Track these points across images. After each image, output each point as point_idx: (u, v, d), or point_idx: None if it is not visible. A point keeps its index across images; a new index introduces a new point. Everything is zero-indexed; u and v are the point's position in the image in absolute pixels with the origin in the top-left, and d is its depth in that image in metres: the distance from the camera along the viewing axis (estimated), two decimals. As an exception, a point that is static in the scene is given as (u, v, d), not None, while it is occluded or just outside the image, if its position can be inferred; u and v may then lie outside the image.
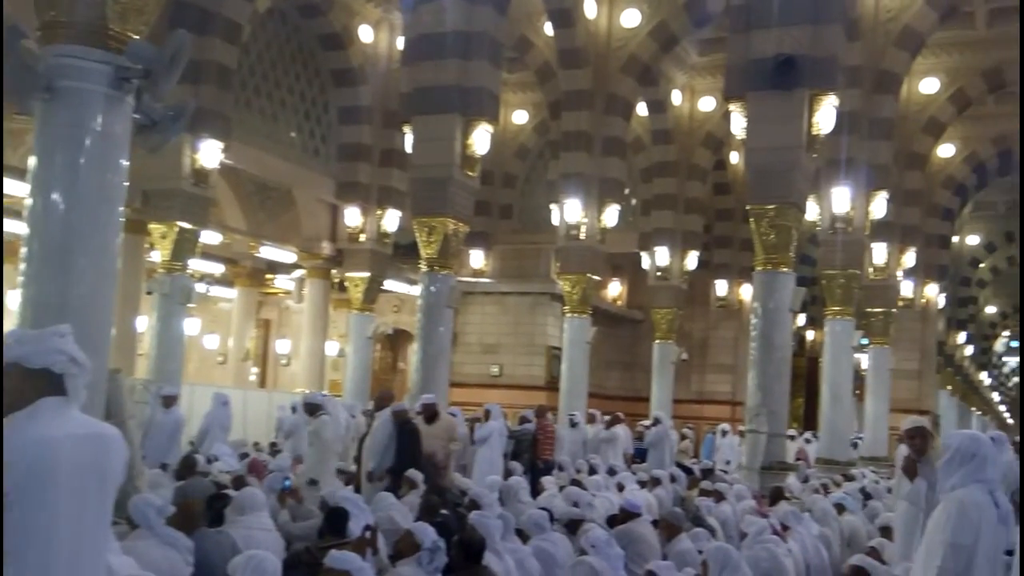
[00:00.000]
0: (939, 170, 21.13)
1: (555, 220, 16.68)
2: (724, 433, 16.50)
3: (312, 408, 8.17)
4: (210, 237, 14.55)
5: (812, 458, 15.02)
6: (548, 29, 16.83)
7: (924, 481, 5.17)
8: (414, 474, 7.53)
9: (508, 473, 8.96)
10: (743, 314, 20.58)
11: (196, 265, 14.43)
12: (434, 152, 11.01)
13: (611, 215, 16.42)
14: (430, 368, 11.06)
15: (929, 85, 18.69)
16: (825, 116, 10.10)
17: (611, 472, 10.11)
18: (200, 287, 16.80)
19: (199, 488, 5.67)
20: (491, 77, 11.28)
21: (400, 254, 17.98)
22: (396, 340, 22.24)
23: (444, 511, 6.12)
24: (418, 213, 11.33)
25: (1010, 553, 3.69)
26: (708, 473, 10.81)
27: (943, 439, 3.85)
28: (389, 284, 18.55)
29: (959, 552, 3.37)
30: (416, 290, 12.30)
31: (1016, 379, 54.84)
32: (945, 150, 21.05)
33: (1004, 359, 51.09)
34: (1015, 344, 48.13)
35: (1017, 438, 11.60)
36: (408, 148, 11.56)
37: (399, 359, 22.63)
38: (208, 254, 16.03)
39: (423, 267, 11.28)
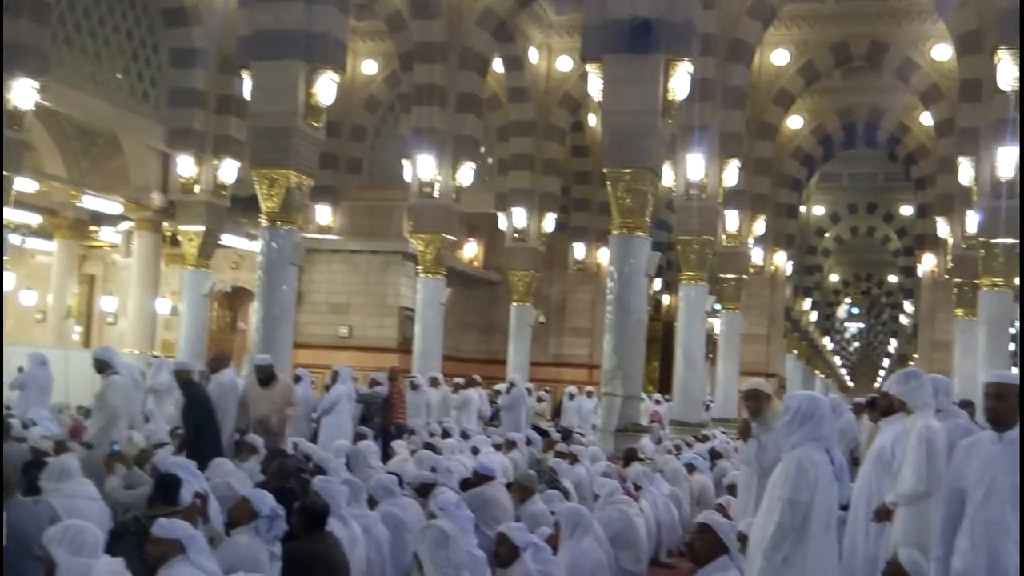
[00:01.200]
0: (788, 141, 22.57)
1: (407, 176, 16.67)
2: (571, 396, 17.12)
3: (101, 366, 7.39)
4: (25, 185, 13.62)
5: (666, 420, 15.93)
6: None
7: (755, 441, 5.61)
8: (254, 439, 7.47)
9: (358, 437, 9.01)
10: (600, 277, 21.32)
11: (10, 215, 13.50)
12: (275, 100, 10.78)
13: (466, 173, 16.59)
14: (272, 329, 10.92)
15: (780, 56, 19.87)
16: (680, 82, 10.62)
17: (465, 435, 10.36)
18: (15, 238, 15.76)
19: (13, 454, 5.43)
20: (338, 23, 11.13)
21: (239, 207, 17.46)
22: (235, 299, 21.60)
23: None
24: (258, 164, 11.08)
25: (845, 508, 4.17)
26: (567, 435, 11.28)
27: (784, 401, 4.18)
28: (227, 239, 17.99)
29: (797, 508, 3.71)
30: (257, 246, 12.01)
31: (856, 344, 59.77)
32: (794, 121, 22.47)
33: (845, 325, 55.29)
34: (855, 311, 52.33)
35: (856, 400, 12.81)
36: (247, 95, 11.19)
37: (239, 319, 22.01)
38: (23, 203, 14.99)
39: (264, 222, 11.06)
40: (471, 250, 23.64)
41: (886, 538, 5.26)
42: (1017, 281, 12.84)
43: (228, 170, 16.51)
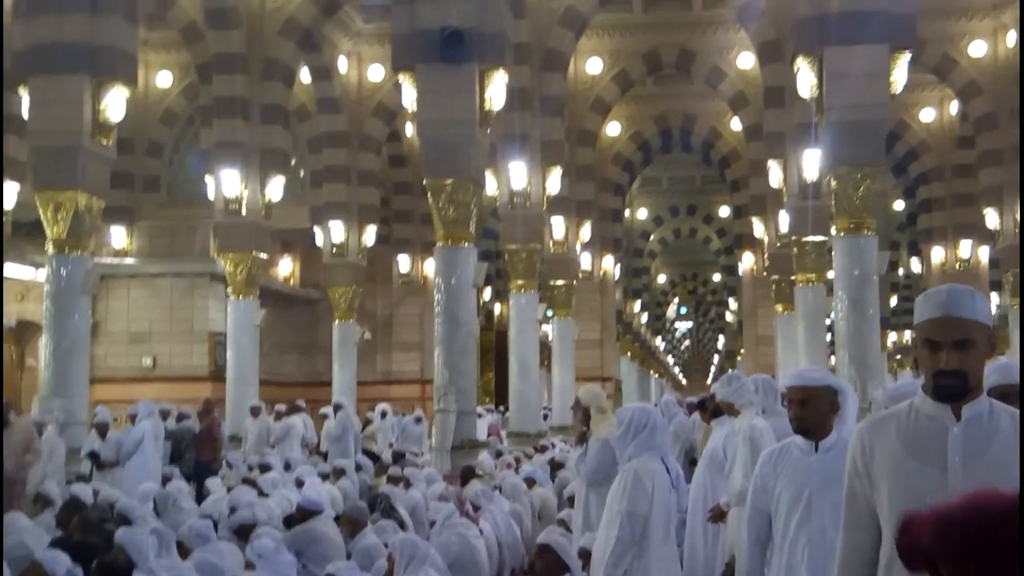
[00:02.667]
0: (608, 147, 23.55)
1: (211, 193, 16.18)
2: (383, 414, 17.06)
3: None
4: None
5: (503, 431, 16.17)
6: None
7: (581, 450, 5.84)
8: (48, 489, 6.99)
9: (167, 479, 8.58)
10: (428, 290, 21.38)
11: None
12: (58, 117, 10.31)
13: (276, 187, 16.29)
14: (64, 364, 10.42)
15: (594, 65, 20.78)
16: (497, 91, 10.93)
17: (288, 467, 10.09)
18: None
19: None
20: (125, 34, 10.77)
21: (22, 233, 16.22)
22: (22, 333, 19.99)
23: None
24: (41, 187, 10.58)
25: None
26: (399, 457, 11.19)
27: (616, 414, 4.34)
28: (10, 269, 16.63)
29: (635, 520, 3.86)
30: (44, 275, 11.29)
31: (687, 342, 63.04)
32: (613, 128, 23.50)
33: (675, 324, 58.11)
34: (684, 310, 55.14)
35: (689, 400, 13.52)
36: (25, 113, 10.59)
37: (27, 355, 20.40)
38: None
39: (50, 248, 10.48)
40: (286, 267, 23.12)
41: (723, 538, 5.61)
42: (830, 274, 13.94)
43: (8, 193, 15.28)
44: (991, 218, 19.15)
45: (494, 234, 22.54)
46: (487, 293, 25.89)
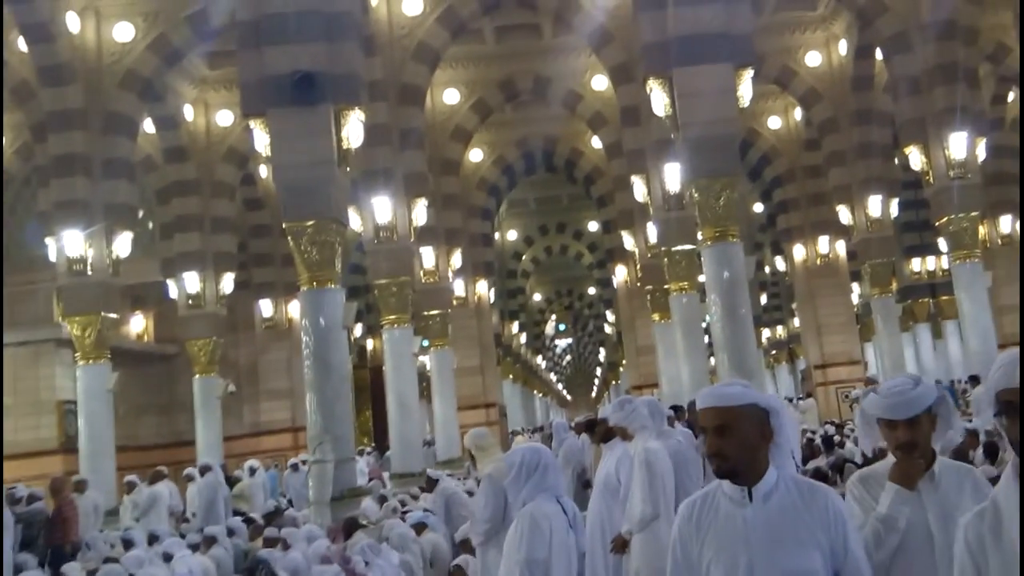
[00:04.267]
0: (472, 174, 23.88)
1: (53, 255, 15.41)
2: (252, 471, 16.56)
3: None
4: None
5: (385, 474, 15.84)
6: (23, 44, 15.58)
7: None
8: None
9: (18, 569, 7.98)
10: (294, 333, 20.95)
11: None
12: None
13: (123, 243, 15.67)
14: None
15: (451, 96, 21.15)
16: (354, 130, 10.90)
17: (153, 540, 9.51)
18: None
19: None
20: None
21: None
22: None
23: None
24: None
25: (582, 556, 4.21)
26: (274, 516, 10.76)
27: (506, 458, 4.28)
28: None
29: (536, 567, 3.79)
30: None
31: (568, 358, 64.02)
32: (475, 155, 23.87)
33: (555, 341, 58.90)
34: (562, 327, 55.97)
35: (578, 420, 13.70)
36: None
37: None
38: None
39: None
40: (138, 324, 22.28)
41: (625, 568, 5.65)
42: (701, 279, 14.42)
43: None
44: (844, 214, 20.37)
45: (362, 268, 22.27)
46: (358, 329, 25.52)
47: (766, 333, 35.55)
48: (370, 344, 27.50)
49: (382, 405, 18.49)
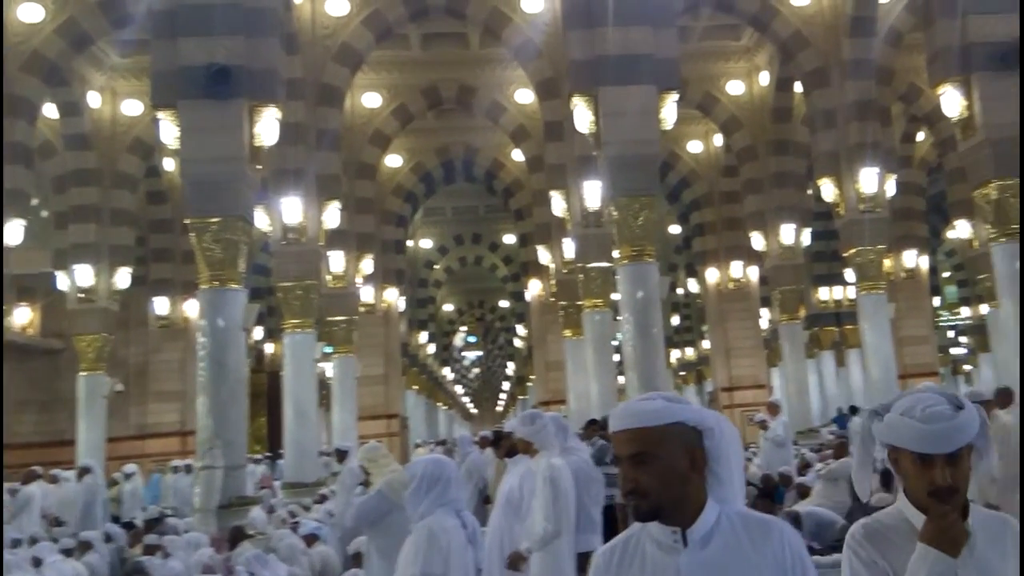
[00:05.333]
0: (389, 179, 23.84)
1: (-69, 242, 14.73)
2: (128, 476, 16.10)
3: None
4: None
5: (277, 483, 15.59)
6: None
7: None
8: None
9: None
10: (189, 333, 20.49)
11: None
12: None
13: (14, 231, 15.09)
14: None
15: (372, 99, 21.09)
16: (267, 127, 10.81)
17: (17, 544, 9.12)
18: None
19: None
20: None
21: None
22: None
23: None
24: None
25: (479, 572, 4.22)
26: (155, 523, 10.48)
27: (407, 469, 4.28)
28: None
29: None
30: None
31: (476, 370, 64.12)
32: (393, 160, 23.84)
33: (463, 353, 58.88)
34: (472, 339, 56.05)
35: (483, 434, 13.76)
36: None
37: None
38: None
39: None
40: (23, 316, 21.42)
41: None
42: (614, 296, 14.65)
43: None
44: (757, 240, 21.04)
45: (265, 269, 21.93)
46: (258, 332, 25.07)
47: (676, 354, 36.37)
48: (269, 348, 27.04)
49: (278, 412, 18.22)
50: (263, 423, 25.54)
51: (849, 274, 21.29)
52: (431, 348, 38.85)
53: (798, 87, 18.86)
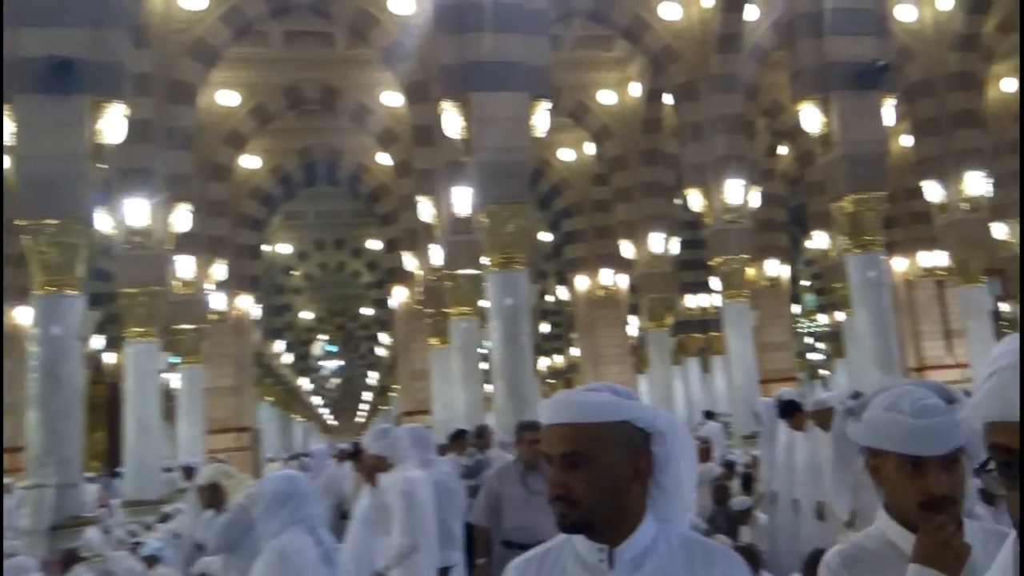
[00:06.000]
0: (245, 181, 23.28)
1: None
2: None
3: None
4: None
5: (115, 501, 14.99)
6: None
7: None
8: None
9: None
10: (19, 342, 19.34)
11: None
12: None
13: None
14: None
15: (229, 98, 20.55)
16: (112, 124, 10.40)
17: None
18: None
19: None
20: None
21: None
22: None
23: None
24: None
25: None
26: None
27: (258, 487, 4.21)
28: None
29: None
30: None
31: (336, 381, 63.20)
32: (250, 161, 23.27)
33: (322, 363, 57.89)
34: (332, 348, 55.20)
35: (342, 447, 13.60)
36: None
37: None
38: None
39: None
40: None
41: None
42: (483, 303, 14.75)
43: None
44: (627, 249, 21.65)
45: (106, 274, 20.96)
46: (97, 341, 23.97)
47: (545, 361, 36.94)
48: (110, 358, 25.88)
49: (119, 425, 17.45)
50: (101, 437, 24.43)
51: (715, 282, 22.24)
52: (288, 358, 38.13)
53: (668, 99, 19.50)
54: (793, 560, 6.95)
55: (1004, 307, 25.59)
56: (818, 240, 23.34)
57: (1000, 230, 20.99)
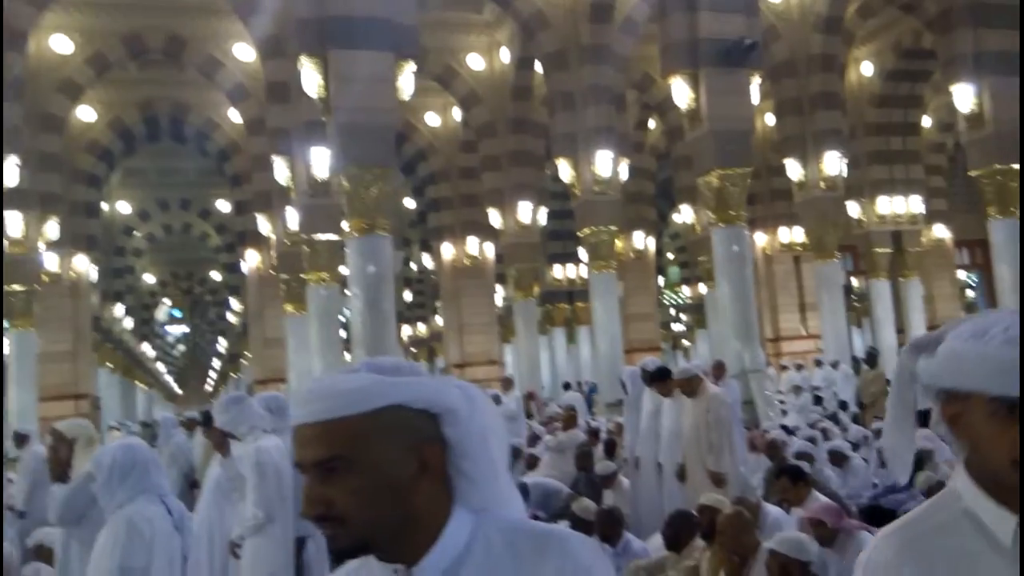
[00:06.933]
0: (81, 134, 22.31)
1: None
2: None
3: None
4: None
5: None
6: None
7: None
8: None
9: None
10: None
11: None
12: None
13: None
14: None
15: (63, 44, 19.53)
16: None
17: None
18: None
19: None
20: None
21: None
22: None
23: None
24: None
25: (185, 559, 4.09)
26: None
27: (95, 459, 4.05)
28: None
29: (132, 575, 3.70)
30: None
31: (182, 347, 61.45)
32: (86, 113, 22.28)
33: (166, 329, 56.21)
34: (178, 313, 53.63)
35: (190, 415, 13.33)
36: None
37: None
38: None
39: None
40: None
41: (236, 572, 5.66)
42: (342, 270, 14.62)
43: None
44: (494, 217, 21.86)
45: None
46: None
47: (408, 330, 36.97)
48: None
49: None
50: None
51: (582, 253, 22.75)
52: (129, 323, 36.84)
53: (539, 67, 19.71)
54: (655, 521, 7.37)
55: (855, 282, 27.31)
56: (684, 214, 24.16)
57: (854, 208, 22.27)
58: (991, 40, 15.90)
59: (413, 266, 34.85)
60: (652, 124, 26.28)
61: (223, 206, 30.59)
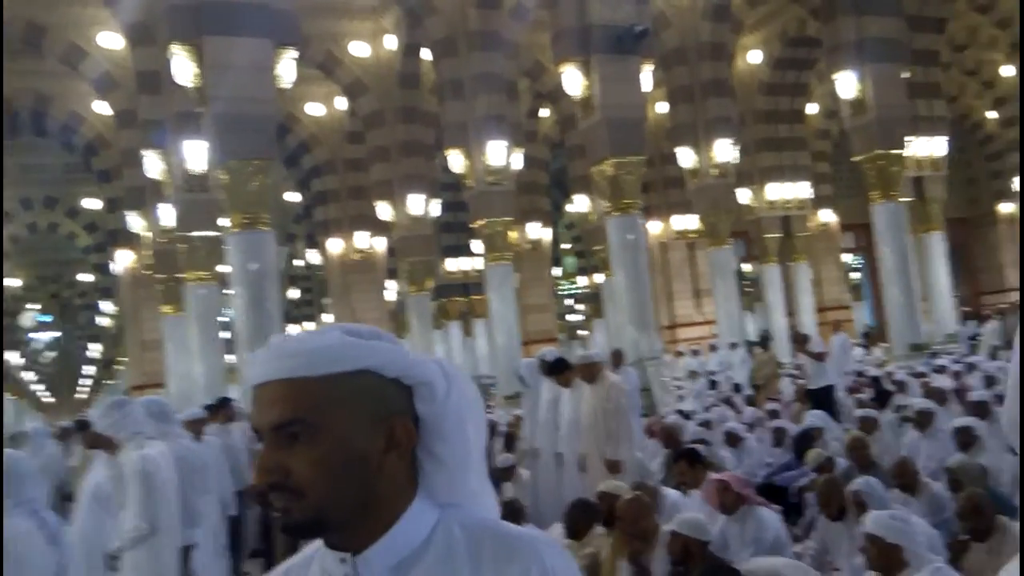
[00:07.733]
0: (-68, 128, 21.21)
1: None
2: None
3: None
4: None
5: None
6: None
7: None
8: None
9: None
10: None
11: None
12: None
13: None
14: None
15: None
16: None
17: None
18: None
19: None
20: None
21: None
22: None
23: None
24: None
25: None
26: None
27: None
28: None
29: None
30: None
31: (53, 354, 59.38)
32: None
33: (33, 335, 54.31)
34: (46, 318, 51.82)
35: (64, 424, 12.91)
36: None
37: None
38: None
39: None
40: None
41: None
42: (220, 268, 14.40)
43: None
44: (384, 210, 21.73)
45: None
46: None
47: (295, 329, 36.44)
48: None
49: None
50: None
51: (477, 245, 22.81)
52: (-10, 329, 35.43)
53: (427, 54, 19.64)
54: (555, 511, 7.47)
55: (746, 267, 28.18)
56: (579, 203, 24.49)
57: (744, 195, 22.97)
58: (873, 27, 16.60)
59: (299, 262, 34.37)
60: (545, 113, 26.52)
61: (92, 204, 29.63)
